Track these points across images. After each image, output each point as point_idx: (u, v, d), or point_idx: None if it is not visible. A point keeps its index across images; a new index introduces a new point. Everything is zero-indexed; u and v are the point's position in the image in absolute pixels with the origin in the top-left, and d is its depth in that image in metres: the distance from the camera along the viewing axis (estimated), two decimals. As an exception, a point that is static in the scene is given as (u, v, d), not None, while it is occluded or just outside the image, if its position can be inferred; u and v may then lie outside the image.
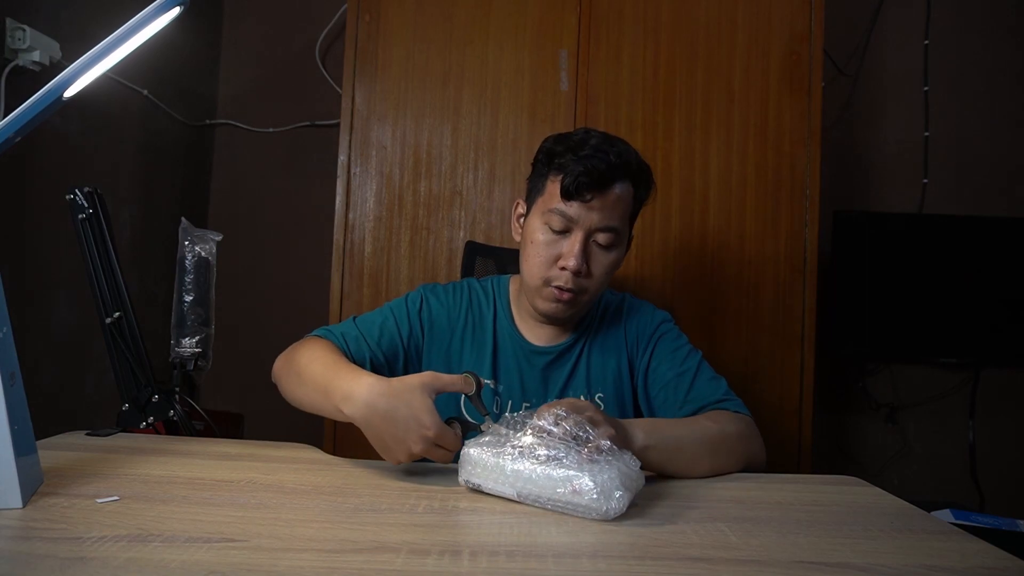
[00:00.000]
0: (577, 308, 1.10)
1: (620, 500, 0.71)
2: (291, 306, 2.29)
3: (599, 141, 1.04)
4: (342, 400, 0.86)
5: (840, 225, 2.14)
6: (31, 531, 0.63)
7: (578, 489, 0.71)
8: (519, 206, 1.16)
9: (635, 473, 0.75)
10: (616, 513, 0.71)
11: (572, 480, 0.72)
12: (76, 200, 1.12)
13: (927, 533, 0.72)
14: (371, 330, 1.11)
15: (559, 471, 0.73)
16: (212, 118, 2.36)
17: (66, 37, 1.58)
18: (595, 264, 1.06)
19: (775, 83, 1.75)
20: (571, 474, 0.72)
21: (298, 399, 0.99)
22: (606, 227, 1.04)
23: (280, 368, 1.06)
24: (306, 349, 1.02)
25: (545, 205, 1.06)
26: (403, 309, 1.15)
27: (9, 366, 0.69)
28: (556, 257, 1.05)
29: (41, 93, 0.71)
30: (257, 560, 0.58)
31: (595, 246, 1.06)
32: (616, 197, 1.04)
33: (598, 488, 0.71)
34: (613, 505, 0.70)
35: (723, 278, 1.74)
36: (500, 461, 0.77)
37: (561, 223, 1.04)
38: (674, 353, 1.14)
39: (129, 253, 1.94)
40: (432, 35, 1.79)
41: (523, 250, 1.11)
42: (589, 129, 1.09)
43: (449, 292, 1.19)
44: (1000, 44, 2.29)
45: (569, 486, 0.72)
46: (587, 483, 0.71)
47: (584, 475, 0.71)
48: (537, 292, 1.09)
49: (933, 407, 2.27)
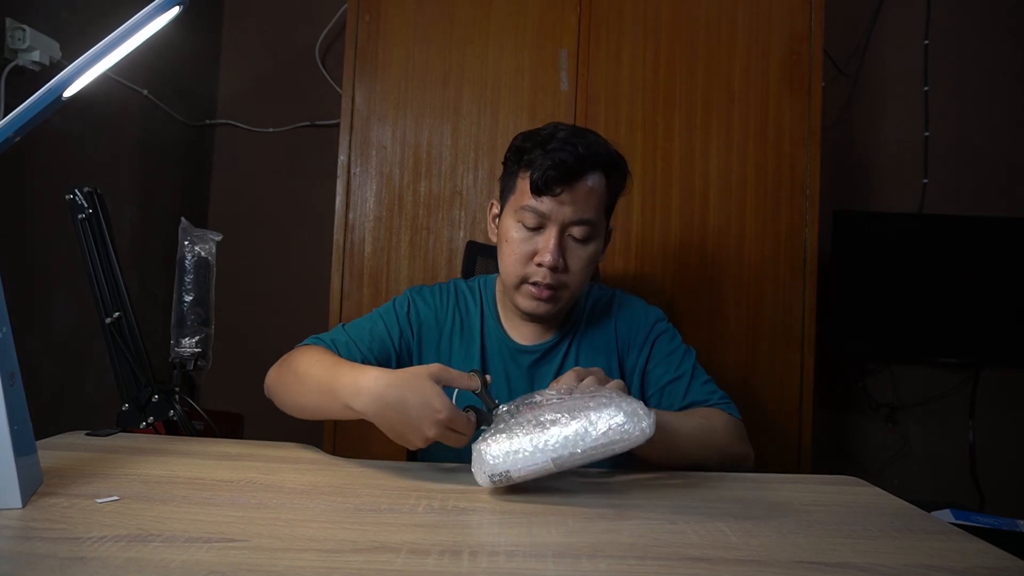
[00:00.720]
0: (559, 304, 1.09)
1: (649, 417, 0.70)
2: (291, 306, 2.29)
3: (567, 134, 1.03)
4: (350, 396, 0.85)
5: (840, 225, 2.14)
6: (31, 531, 0.63)
7: (610, 426, 0.71)
8: (493, 206, 1.15)
9: (638, 400, 0.76)
10: (652, 429, 0.70)
11: (596, 422, 0.71)
12: (76, 200, 1.12)
13: (927, 533, 0.72)
14: (361, 335, 1.11)
15: (578, 423, 0.73)
16: (212, 118, 2.36)
17: (66, 37, 1.58)
18: (572, 258, 1.05)
19: (775, 83, 1.75)
20: (592, 416, 0.72)
21: (301, 405, 0.98)
22: (580, 220, 1.03)
23: (275, 380, 1.05)
24: (301, 357, 1.01)
25: (517, 203, 1.05)
26: (391, 313, 1.15)
27: (9, 366, 0.69)
28: (532, 254, 1.05)
29: (41, 93, 0.71)
30: (257, 560, 0.58)
31: (571, 240, 1.04)
32: (588, 189, 1.03)
33: (624, 414, 0.70)
34: (646, 424, 0.70)
35: (723, 278, 1.74)
36: (520, 443, 0.76)
37: (534, 220, 1.03)
38: (670, 356, 1.14)
39: (129, 253, 1.94)
40: (432, 35, 1.79)
41: (499, 250, 1.10)
42: (559, 123, 1.07)
43: (436, 293, 1.18)
44: (1000, 44, 2.29)
45: (596, 428, 0.71)
46: (612, 415, 0.70)
47: (602, 411, 0.71)
48: (516, 290, 1.08)
49: (933, 407, 2.27)
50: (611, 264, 1.73)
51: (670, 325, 1.19)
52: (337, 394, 0.88)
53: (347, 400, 0.86)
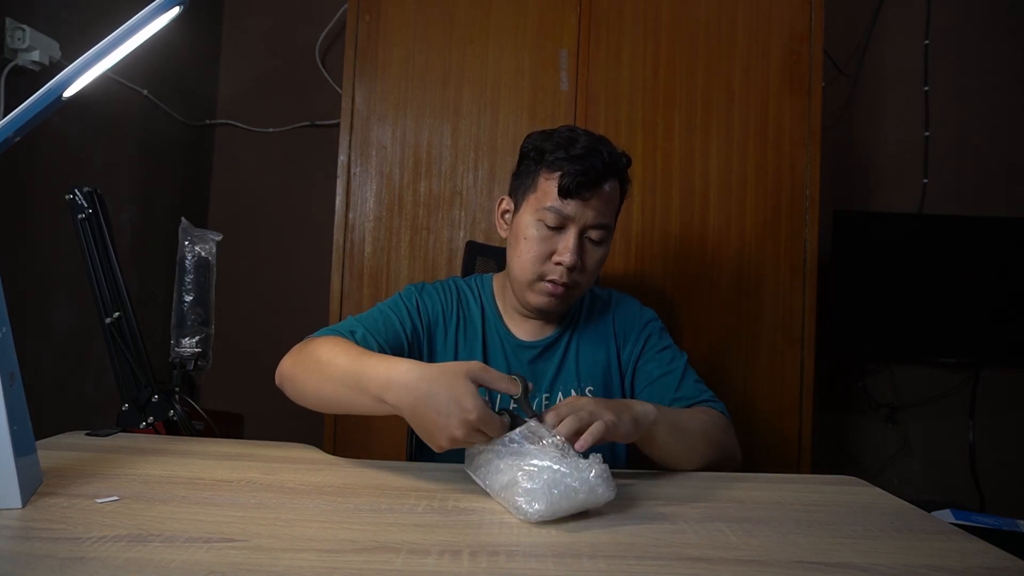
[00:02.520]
0: (569, 302, 1.13)
1: (536, 505, 0.70)
2: (291, 306, 2.29)
3: (589, 140, 1.07)
4: (382, 389, 0.82)
5: (840, 225, 2.14)
6: (31, 531, 0.63)
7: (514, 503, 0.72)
8: (504, 202, 1.16)
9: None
10: (538, 517, 0.70)
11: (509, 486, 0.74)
12: (76, 200, 1.12)
13: (927, 533, 0.72)
14: (375, 326, 1.08)
15: (503, 476, 0.75)
16: (212, 118, 2.36)
17: (66, 37, 1.58)
18: (588, 259, 1.09)
19: (775, 83, 1.75)
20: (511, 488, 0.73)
21: (322, 396, 0.93)
22: (599, 224, 1.07)
23: (291, 368, 0.99)
24: (322, 346, 0.97)
25: (539, 203, 1.07)
26: (401, 306, 1.14)
27: (9, 366, 0.69)
28: (550, 253, 1.07)
29: (41, 93, 0.71)
30: (257, 560, 0.58)
31: (588, 242, 1.08)
32: (608, 195, 1.07)
33: (522, 493, 0.71)
34: (531, 511, 0.70)
35: (723, 278, 1.74)
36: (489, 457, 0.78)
37: (556, 220, 1.05)
38: (661, 353, 1.17)
39: (129, 253, 1.94)
40: (432, 35, 1.78)
41: (513, 246, 1.11)
42: (572, 127, 1.11)
43: (439, 289, 1.19)
44: (1000, 44, 2.29)
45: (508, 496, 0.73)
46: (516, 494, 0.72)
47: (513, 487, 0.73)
48: (529, 287, 1.09)
49: (933, 407, 2.27)
50: (611, 264, 1.73)
51: (663, 326, 1.22)
52: (366, 387, 0.84)
53: (379, 392, 0.82)
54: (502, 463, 0.76)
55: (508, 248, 1.13)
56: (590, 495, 0.71)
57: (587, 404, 0.85)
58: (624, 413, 0.88)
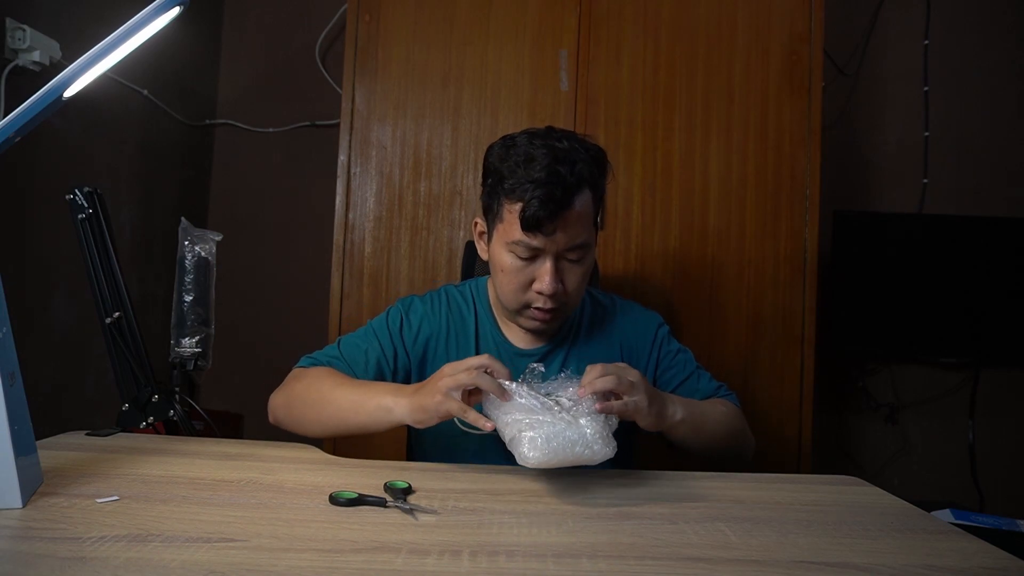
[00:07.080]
0: (561, 320, 1.12)
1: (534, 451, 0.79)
2: (291, 306, 2.29)
3: (548, 157, 0.98)
4: (387, 413, 0.94)
5: (840, 225, 2.14)
6: (31, 531, 0.63)
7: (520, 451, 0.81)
8: (478, 225, 1.13)
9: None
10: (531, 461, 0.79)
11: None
12: (76, 200, 1.12)
13: (927, 533, 0.72)
14: (356, 355, 1.10)
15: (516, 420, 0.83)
16: (212, 118, 2.36)
17: (66, 37, 1.58)
18: (569, 279, 1.04)
19: (775, 83, 1.75)
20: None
21: (325, 423, 1.02)
22: (573, 246, 1.02)
23: (284, 404, 1.06)
24: (312, 380, 1.04)
25: (507, 236, 1.02)
26: (385, 330, 1.14)
27: (9, 366, 0.69)
28: (529, 281, 1.04)
29: (41, 93, 0.71)
30: (257, 560, 0.58)
31: (566, 263, 1.04)
32: (577, 214, 1.00)
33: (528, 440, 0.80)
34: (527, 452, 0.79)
35: (723, 278, 1.74)
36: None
37: (527, 251, 1.02)
38: (676, 357, 1.20)
39: (129, 253, 1.94)
40: (432, 35, 1.78)
41: (494, 274, 1.09)
42: (532, 133, 1.04)
43: (427, 303, 1.17)
44: (1000, 44, 2.29)
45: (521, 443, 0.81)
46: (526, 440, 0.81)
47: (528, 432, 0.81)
48: (518, 313, 1.09)
49: (933, 407, 2.27)
50: (611, 264, 1.73)
51: (668, 327, 1.23)
52: (372, 413, 0.95)
53: (387, 417, 0.94)
54: (509, 417, 0.85)
55: (491, 273, 1.11)
56: (586, 449, 0.80)
57: (631, 376, 0.92)
58: (655, 404, 0.94)
